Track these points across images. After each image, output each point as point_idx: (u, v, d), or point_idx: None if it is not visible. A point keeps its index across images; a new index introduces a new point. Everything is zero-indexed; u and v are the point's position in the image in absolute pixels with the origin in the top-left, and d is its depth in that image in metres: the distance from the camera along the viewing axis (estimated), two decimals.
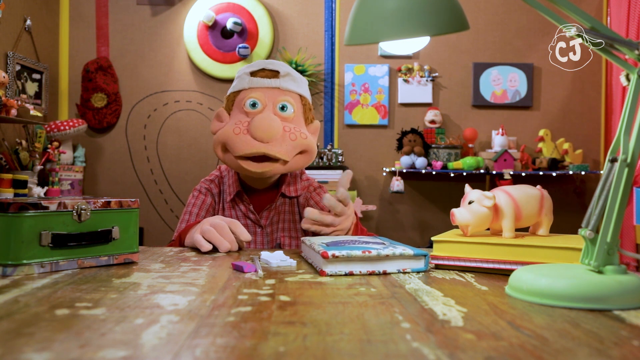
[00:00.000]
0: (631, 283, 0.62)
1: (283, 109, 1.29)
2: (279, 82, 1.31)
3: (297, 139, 1.27)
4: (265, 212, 1.39)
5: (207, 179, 1.46)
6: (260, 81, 1.31)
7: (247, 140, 1.24)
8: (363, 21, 0.77)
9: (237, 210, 1.39)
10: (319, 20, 3.63)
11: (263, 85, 1.30)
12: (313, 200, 1.41)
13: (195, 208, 1.40)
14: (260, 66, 1.33)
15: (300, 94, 1.34)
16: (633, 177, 0.64)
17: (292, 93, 1.32)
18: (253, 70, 1.33)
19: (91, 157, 3.58)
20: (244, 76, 1.33)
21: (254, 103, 1.28)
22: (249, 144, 1.23)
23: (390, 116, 3.63)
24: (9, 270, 0.76)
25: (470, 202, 0.89)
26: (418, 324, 0.54)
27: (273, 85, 1.30)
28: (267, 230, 1.38)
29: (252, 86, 1.31)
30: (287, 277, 0.79)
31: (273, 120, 1.23)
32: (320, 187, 1.46)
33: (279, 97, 1.29)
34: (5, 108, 2.51)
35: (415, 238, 3.61)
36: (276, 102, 1.29)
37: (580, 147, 3.56)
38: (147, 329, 0.51)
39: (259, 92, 1.29)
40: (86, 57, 3.56)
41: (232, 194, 1.38)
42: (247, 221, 1.38)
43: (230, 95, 1.35)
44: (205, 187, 1.43)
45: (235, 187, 1.38)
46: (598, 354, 0.45)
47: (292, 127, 1.28)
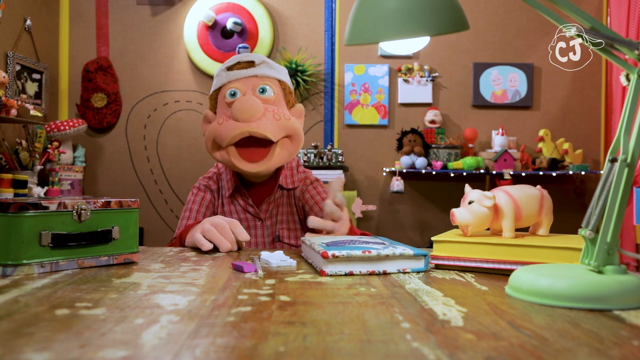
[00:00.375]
0: (631, 283, 0.62)
1: (263, 92, 1.30)
2: (256, 70, 1.32)
3: (281, 119, 1.28)
4: (264, 205, 1.39)
5: (206, 176, 1.47)
6: (237, 73, 1.33)
7: (230, 124, 1.25)
8: (363, 21, 0.77)
9: (236, 205, 1.40)
10: (319, 20, 3.63)
11: (241, 76, 1.32)
12: (309, 193, 1.42)
13: (195, 205, 1.41)
14: (235, 60, 1.35)
15: (279, 79, 1.35)
16: (633, 177, 0.64)
17: (271, 79, 1.33)
18: (229, 65, 1.35)
19: (91, 157, 3.58)
20: (222, 73, 1.35)
21: (233, 92, 1.30)
22: (233, 127, 1.24)
23: (390, 116, 3.63)
24: (9, 270, 0.76)
25: (470, 202, 0.89)
26: (418, 324, 0.54)
27: (250, 74, 1.32)
28: (266, 223, 1.39)
29: (230, 79, 1.32)
30: (287, 277, 0.79)
31: (252, 100, 1.25)
32: (317, 181, 1.46)
33: (258, 83, 1.31)
34: (5, 108, 2.51)
35: (415, 238, 3.61)
36: (255, 87, 1.30)
37: (580, 147, 3.56)
38: (147, 329, 0.51)
39: (238, 82, 1.31)
40: (86, 57, 3.56)
41: (230, 189, 1.39)
42: (247, 215, 1.39)
43: (213, 94, 1.37)
44: (204, 185, 1.44)
45: (233, 182, 1.39)
46: (598, 354, 0.45)
47: (274, 108, 1.29)
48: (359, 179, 3.63)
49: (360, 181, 3.63)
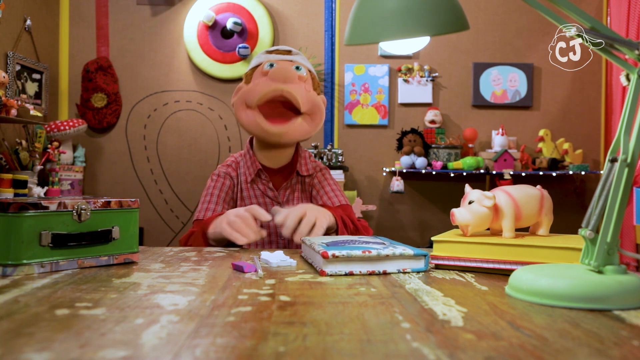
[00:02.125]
0: (631, 283, 0.62)
1: (298, 69, 1.40)
2: (292, 57, 1.43)
3: (311, 92, 1.39)
4: (282, 190, 1.45)
5: (225, 164, 1.52)
6: (276, 56, 1.43)
7: (266, 83, 1.34)
8: (363, 21, 0.77)
9: (255, 189, 1.45)
10: (319, 20, 3.63)
11: (278, 59, 1.42)
12: (317, 179, 1.49)
13: (216, 190, 1.45)
14: (274, 48, 1.47)
15: (309, 69, 1.45)
16: (633, 177, 0.64)
17: (304, 67, 1.43)
18: (269, 50, 1.46)
19: (91, 157, 3.58)
20: (261, 55, 1.46)
21: (271, 64, 1.39)
22: (268, 84, 1.33)
23: (390, 116, 3.63)
24: (9, 270, 0.76)
25: (470, 202, 0.89)
26: (418, 324, 0.54)
27: (287, 59, 1.42)
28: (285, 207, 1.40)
29: (269, 59, 1.42)
30: (287, 277, 0.79)
31: (290, 67, 1.36)
32: (326, 169, 1.53)
33: (293, 63, 1.41)
34: (5, 108, 2.51)
35: (415, 238, 3.61)
36: (291, 65, 1.40)
37: (580, 147, 3.56)
38: (147, 329, 0.51)
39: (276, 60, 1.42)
40: (86, 57, 3.56)
41: (252, 175, 1.44)
42: (266, 199, 1.44)
43: (249, 71, 1.45)
44: (224, 172, 1.48)
45: (254, 167, 1.44)
46: (598, 354, 0.45)
47: (305, 84, 1.39)
48: (359, 179, 3.63)
49: (360, 181, 3.63)
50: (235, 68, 3.54)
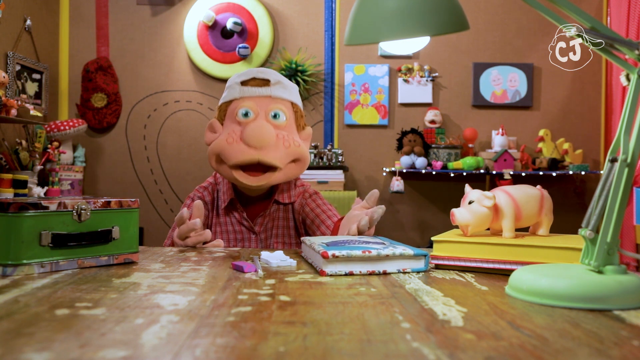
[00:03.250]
0: (631, 283, 0.62)
1: (275, 117, 1.30)
2: (270, 90, 1.32)
3: (291, 147, 1.28)
4: (260, 218, 1.40)
5: (201, 186, 1.46)
6: (251, 90, 1.32)
7: (240, 148, 1.25)
8: (363, 21, 0.77)
9: (231, 217, 1.41)
10: (319, 20, 3.63)
11: (254, 94, 1.31)
12: (309, 207, 1.41)
13: None
14: (250, 75, 1.34)
15: (291, 101, 1.35)
16: (633, 177, 0.64)
17: (284, 101, 1.33)
18: (244, 80, 1.34)
19: (91, 157, 3.58)
20: (235, 86, 1.34)
21: (246, 112, 1.29)
22: (243, 152, 1.24)
23: (390, 116, 3.63)
24: (9, 270, 0.76)
25: (470, 202, 0.89)
26: (418, 324, 0.54)
27: (264, 94, 1.31)
28: (261, 236, 1.40)
29: (243, 95, 1.31)
30: (287, 277, 0.79)
31: (266, 127, 1.25)
32: (316, 194, 1.46)
33: (271, 105, 1.30)
34: (5, 108, 2.51)
35: (415, 238, 3.61)
36: (268, 110, 1.30)
37: (580, 147, 3.56)
38: (147, 329, 0.51)
39: (251, 101, 1.30)
40: (86, 57, 3.56)
41: (226, 202, 1.39)
42: (242, 227, 1.40)
43: (222, 105, 1.35)
44: (198, 196, 1.43)
45: (228, 194, 1.39)
46: (598, 354, 0.45)
47: (285, 134, 1.29)
48: (359, 179, 3.63)
49: (360, 181, 3.63)
50: (235, 68, 3.54)
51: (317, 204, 1.42)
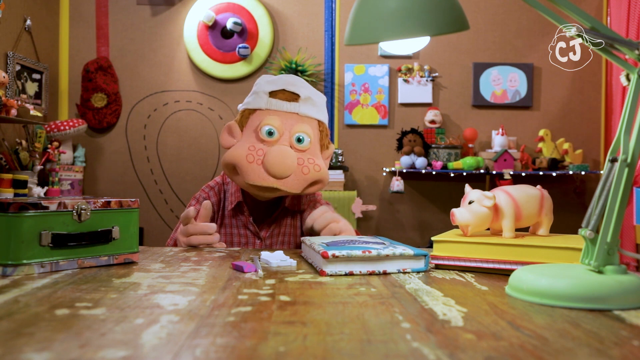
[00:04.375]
0: (631, 283, 0.62)
1: (299, 141, 1.24)
2: (299, 107, 1.26)
3: (310, 172, 1.23)
4: (266, 224, 1.37)
5: (208, 185, 1.43)
6: (279, 104, 1.26)
7: (259, 172, 1.20)
8: (363, 21, 0.77)
9: (237, 219, 1.37)
10: (319, 20, 3.63)
11: (281, 108, 1.26)
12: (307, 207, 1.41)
13: None
14: (280, 86, 1.28)
15: (318, 120, 1.30)
16: (633, 177, 0.64)
17: (311, 120, 1.28)
18: (272, 90, 1.28)
19: (91, 157, 3.58)
20: (262, 95, 1.28)
21: (270, 131, 1.23)
22: (262, 177, 1.20)
23: (390, 116, 3.63)
24: (9, 270, 0.76)
25: (470, 202, 0.89)
26: (418, 324, 0.54)
27: (292, 110, 1.26)
28: (266, 242, 1.36)
29: (269, 108, 1.26)
30: (287, 277, 0.79)
31: (288, 157, 1.20)
32: (327, 205, 1.42)
33: (296, 126, 1.25)
34: (5, 108, 2.51)
35: (415, 238, 3.61)
36: (293, 132, 1.24)
37: (580, 147, 3.56)
38: (147, 329, 0.51)
39: (276, 117, 1.24)
40: (86, 57, 3.56)
41: (233, 203, 1.36)
42: (247, 232, 1.37)
43: (246, 111, 1.29)
44: (204, 197, 1.40)
45: (236, 197, 1.36)
46: (598, 354, 0.45)
47: (307, 158, 1.24)
48: (359, 179, 3.63)
49: (360, 181, 3.63)
50: (235, 68, 3.54)
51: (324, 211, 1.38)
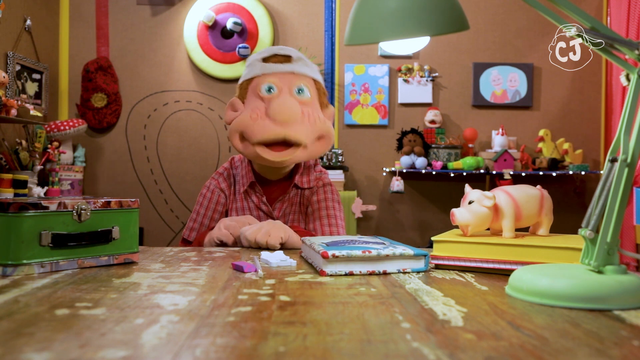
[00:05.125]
0: (631, 283, 0.62)
1: (300, 92, 1.27)
2: (293, 67, 1.29)
3: (316, 123, 1.26)
4: (278, 203, 1.38)
5: (217, 172, 1.44)
6: (274, 66, 1.28)
7: (266, 125, 1.22)
8: (363, 21, 0.77)
9: (249, 201, 1.38)
10: (319, 20, 3.63)
11: (277, 70, 1.28)
12: (317, 196, 1.38)
13: (202, 209, 1.40)
14: (271, 52, 1.31)
15: (314, 78, 1.33)
16: (633, 177, 0.64)
17: (307, 77, 1.30)
18: (265, 57, 1.30)
19: (91, 157, 3.58)
20: (256, 63, 1.31)
21: (269, 88, 1.25)
22: (269, 128, 1.21)
23: (390, 116, 3.63)
24: (9, 270, 0.76)
25: (470, 202, 0.89)
26: (418, 324, 0.54)
27: (287, 70, 1.28)
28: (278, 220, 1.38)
29: (265, 72, 1.28)
30: (287, 277, 0.79)
31: (292, 103, 1.22)
32: (330, 185, 1.42)
33: (295, 81, 1.27)
34: (5, 108, 2.51)
35: (415, 238, 3.61)
36: (292, 86, 1.27)
37: (580, 147, 3.56)
38: (147, 329, 0.51)
39: (274, 77, 1.27)
40: (86, 57, 3.56)
41: (245, 185, 1.36)
42: (259, 212, 1.38)
43: (243, 83, 1.32)
44: (214, 184, 1.41)
45: (248, 178, 1.37)
46: (598, 354, 0.45)
47: (310, 110, 1.26)
48: (359, 179, 3.63)
49: (360, 181, 3.63)
50: (235, 68, 3.54)
51: (324, 197, 1.39)
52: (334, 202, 1.39)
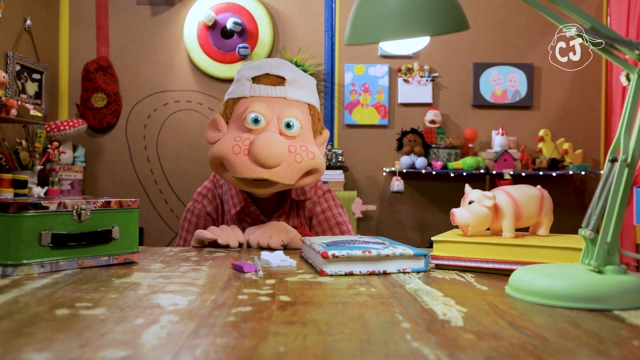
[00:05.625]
0: (631, 283, 0.62)
1: (289, 127, 1.14)
2: (285, 91, 1.16)
3: (304, 160, 1.13)
4: (275, 218, 1.30)
5: (200, 193, 1.35)
6: (264, 89, 1.16)
7: (247, 163, 1.10)
8: (363, 21, 0.77)
9: (243, 222, 1.30)
10: (319, 20, 3.63)
11: (267, 94, 1.15)
12: (320, 207, 1.33)
13: (190, 235, 1.31)
14: (263, 70, 1.17)
15: (308, 103, 1.20)
16: (633, 177, 0.64)
17: (300, 103, 1.17)
18: (255, 75, 1.17)
19: (91, 157, 3.58)
20: (245, 81, 1.18)
21: (256, 119, 1.13)
22: (250, 168, 1.10)
23: (390, 116, 3.63)
24: (9, 270, 0.76)
25: (470, 202, 0.89)
26: (418, 324, 0.54)
27: (278, 95, 1.15)
28: None
29: (254, 95, 1.16)
30: (287, 277, 0.79)
31: (277, 144, 1.09)
32: (330, 192, 1.37)
33: (285, 111, 1.14)
34: (5, 108, 2.51)
35: (415, 238, 3.61)
36: (281, 117, 1.14)
37: (580, 147, 3.56)
38: (147, 329, 0.51)
39: (262, 103, 1.14)
40: (86, 57, 3.56)
41: (237, 206, 1.27)
42: None
43: (229, 101, 1.20)
44: (199, 208, 1.32)
45: (239, 199, 1.28)
46: (598, 354, 0.45)
47: (299, 145, 1.14)
48: (359, 179, 3.63)
49: (360, 181, 3.63)
50: (235, 68, 3.54)
51: (328, 206, 1.33)
52: (338, 208, 1.35)
